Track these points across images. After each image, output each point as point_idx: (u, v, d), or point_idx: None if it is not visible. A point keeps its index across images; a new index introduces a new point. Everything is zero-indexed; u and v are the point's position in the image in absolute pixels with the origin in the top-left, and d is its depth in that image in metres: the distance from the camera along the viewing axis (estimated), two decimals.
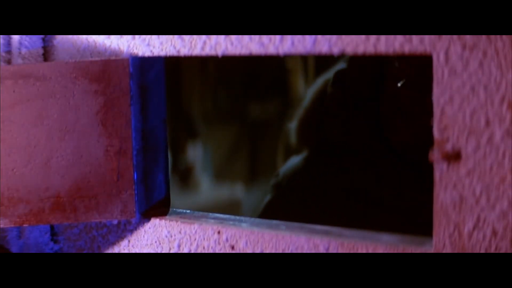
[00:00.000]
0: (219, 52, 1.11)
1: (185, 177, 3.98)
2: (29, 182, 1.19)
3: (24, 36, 1.25)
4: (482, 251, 0.95)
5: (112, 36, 1.20)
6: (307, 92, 1.48)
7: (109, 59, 1.19)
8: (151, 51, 1.17)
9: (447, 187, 0.97)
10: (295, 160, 1.51)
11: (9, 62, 1.25)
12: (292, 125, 1.50)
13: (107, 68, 1.19)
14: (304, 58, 3.51)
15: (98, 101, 1.19)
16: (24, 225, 1.23)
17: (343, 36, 1.01)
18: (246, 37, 1.08)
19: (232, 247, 1.15)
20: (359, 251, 1.04)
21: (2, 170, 1.19)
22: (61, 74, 1.19)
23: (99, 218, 1.21)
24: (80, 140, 1.19)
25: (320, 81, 1.47)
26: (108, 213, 1.20)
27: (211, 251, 1.17)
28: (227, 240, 1.15)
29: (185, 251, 1.19)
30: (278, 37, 1.06)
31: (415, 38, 0.96)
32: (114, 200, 1.20)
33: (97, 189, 1.20)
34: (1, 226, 1.19)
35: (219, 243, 1.16)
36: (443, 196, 0.97)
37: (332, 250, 1.06)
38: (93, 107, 1.19)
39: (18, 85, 1.18)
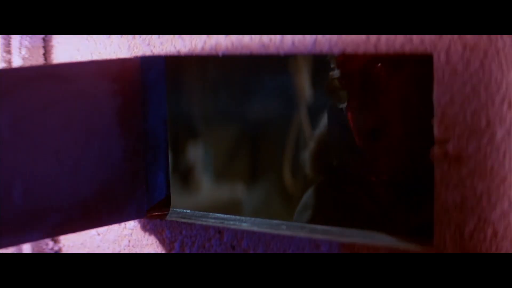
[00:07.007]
0: (220, 52, 1.11)
1: (186, 177, 3.98)
2: (60, 189, 1.11)
3: (24, 36, 1.25)
4: (483, 251, 0.95)
5: (113, 36, 1.20)
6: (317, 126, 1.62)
7: (125, 58, 1.16)
8: (151, 50, 1.17)
9: (448, 187, 0.96)
10: (305, 198, 1.59)
11: (9, 62, 1.25)
12: (306, 155, 1.59)
13: (123, 67, 1.15)
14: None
15: (117, 102, 1.15)
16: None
17: (344, 36, 1.01)
18: (246, 37, 1.08)
19: (233, 247, 1.15)
20: (360, 251, 1.04)
21: (36, 178, 1.09)
22: (85, 74, 1.12)
23: (120, 220, 1.16)
24: (103, 142, 1.14)
25: (325, 118, 1.58)
26: (126, 214, 1.16)
27: (212, 251, 1.16)
28: (227, 240, 1.15)
29: (186, 251, 1.19)
30: (278, 37, 1.05)
31: (415, 38, 0.96)
32: (131, 200, 1.17)
33: (117, 190, 1.15)
34: (35, 240, 1.12)
35: (220, 243, 1.16)
36: (444, 196, 0.97)
37: (333, 250, 1.06)
38: (113, 107, 1.14)
39: (45, 86, 1.09)
